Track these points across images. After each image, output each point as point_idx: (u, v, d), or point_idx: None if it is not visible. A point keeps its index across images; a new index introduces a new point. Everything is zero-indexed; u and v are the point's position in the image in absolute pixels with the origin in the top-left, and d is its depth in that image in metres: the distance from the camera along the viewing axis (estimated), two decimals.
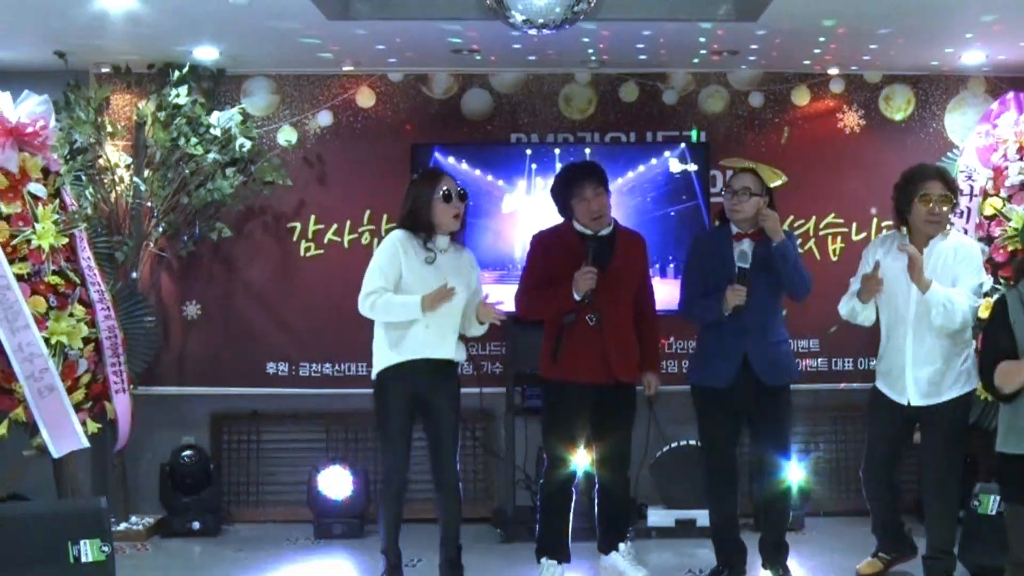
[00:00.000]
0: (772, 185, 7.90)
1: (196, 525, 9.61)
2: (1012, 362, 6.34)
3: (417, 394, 7.63)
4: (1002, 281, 8.60)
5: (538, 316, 8.06)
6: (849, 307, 7.94)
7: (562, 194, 7.94)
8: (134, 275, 9.60)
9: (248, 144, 9.71)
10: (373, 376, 7.73)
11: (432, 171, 8.04)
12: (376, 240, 9.98)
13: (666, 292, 9.07)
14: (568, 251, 7.83)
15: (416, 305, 7.39)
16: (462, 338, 7.85)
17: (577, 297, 7.61)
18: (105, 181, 9.56)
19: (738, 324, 7.71)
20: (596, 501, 8.10)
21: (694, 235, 8.99)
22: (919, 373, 7.66)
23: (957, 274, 7.61)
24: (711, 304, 7.75)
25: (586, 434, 7.99)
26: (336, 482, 9.59)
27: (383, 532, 7.76)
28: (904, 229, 7.83)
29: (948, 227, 7.86)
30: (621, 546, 8.01)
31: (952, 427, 7.70)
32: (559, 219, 8.13)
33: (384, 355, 7.64)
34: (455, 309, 7.60)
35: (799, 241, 9.60)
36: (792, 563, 8.10)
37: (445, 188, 7.57)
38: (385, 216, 10.04)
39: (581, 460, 8.01)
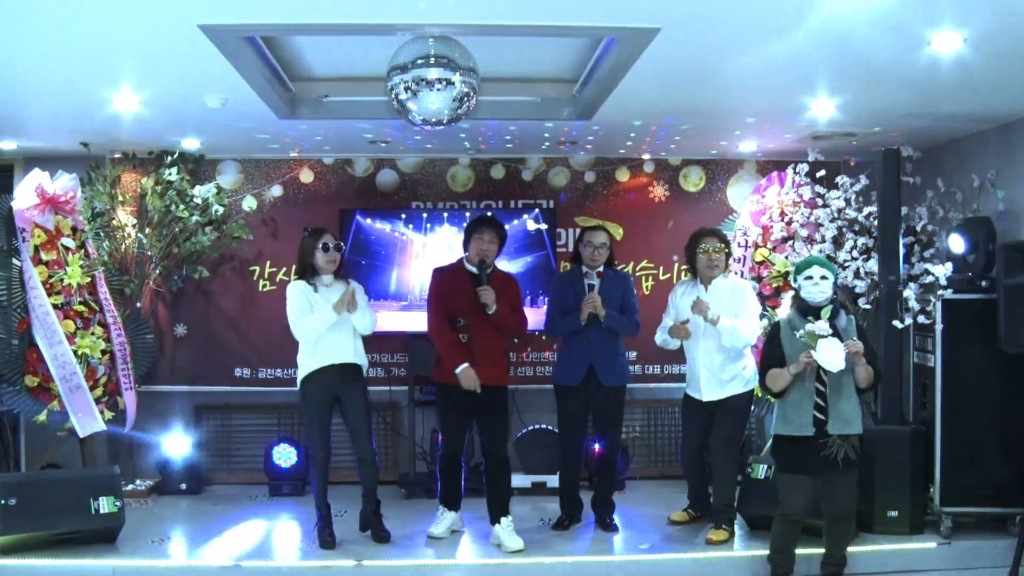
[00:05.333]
0: (618, 239, 8.55)
1: (183, 486, 9.92)
2: (777, 370, 7.02)
3: (333, 392, 8.03)
4: (768, 309, 9.06)
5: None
6: (662, 339, 8.47)
7: (471, 230, 8.22)
8: (138, 304, 9.83)
9: (221, 209, 10.07)
10: (298, 383, 8.09)
11: (317, 229, 8.14)
12: None
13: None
14: (456, 282, 8.15)
15: (330, 312, 7.84)
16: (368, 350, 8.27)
17: (490, 311, 7.97)
18: (117, 236, 9.80)
19: (587, 340, 8.30)
20: (484, 476, 8.32)
21: (557, 274, 9.42)
22: (709, 376, 8.21)
23: (737, 306, 8.14)
24: (572, 317, 8.30)
25: (470, 422, 8.35)
26: (285, 455, 9.97)
27: (315, 492, 8.15)
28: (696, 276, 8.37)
29: (728, 270, 8.37)
30: (503, 520, 8.16)
31: (734, 416, 8.25)
32: (450, 260, 8.50)
33: (305, 366, 8.03)
34: (346, 325, 8.01)
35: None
36: (615, 514, 8.68)
37: (324, 242, 7.98)
38: None
39: (463, 440, 8.35)
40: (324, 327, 7.94)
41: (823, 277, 7.02)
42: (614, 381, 8.43)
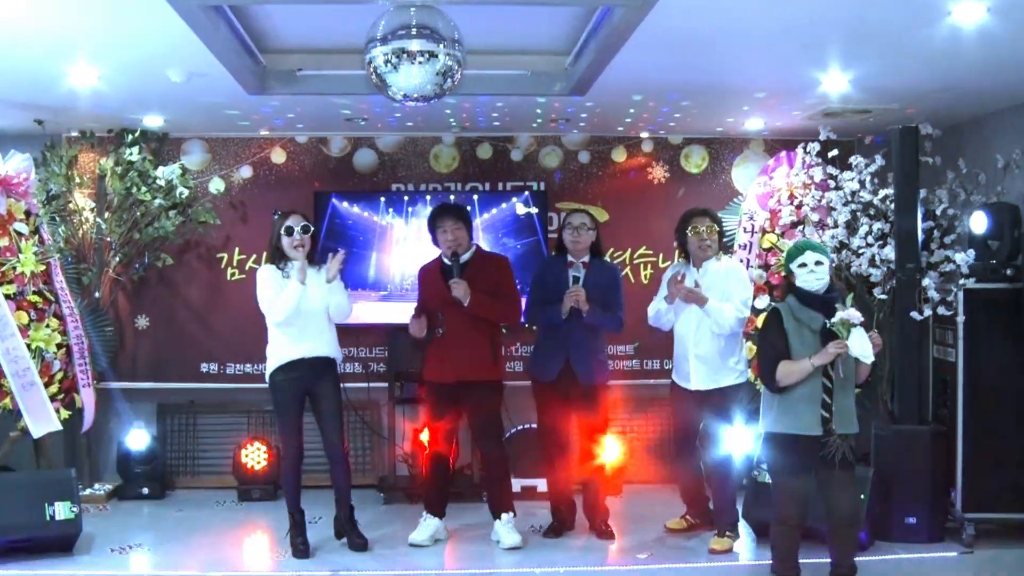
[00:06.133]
0: (601, 221, 8.53)
1: (145, 490, 9.89)
2: (791, 362, 6.75)
3: (304, 387, 7.99)
4: (776, 300, 8.81)
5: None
6: (655, 310, 8.43)
7: (432, 228, 8.33)
8: (97, 295, 9.89)
9: (186, 192, 10.03)
10: (266, 377, 8.09)
11: (285, 212, 8.11)
12: None
13: None
14: (433, 276, 8.29)
15: (296, 284, 7.81)
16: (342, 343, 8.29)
17: (464, 304, 7.99)
18: (74, 221, 9.83)
19: (565, 334, 8.27)
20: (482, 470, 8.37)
21: (539, 261, 9.37)
22: (698, 364, 8.15)
23: (729, 290, 8.13)
24: (554, 309, 8.25)
25: (457, 418, 8.39)
26: (255, 457, 9.94)
27: (287, 496, 8.12)
28: (689, 258, 8.36)
29: (720, 253, 8.34)
30: (503, 515, 8.27)
31: (728, 410, 8.18)
32: (434, 251, 8.48)
33: (275, 358, 8.00)
34: (319, 314, 7.99)
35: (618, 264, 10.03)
36: (611, 520, 8.60)
37: (287, 224, 7.91)
38: None
39: (447, 437, 8.38)
40: (295, 299, 7.85)
41: (818, 263, 6.84)
42: (590, 379, 8.37)
